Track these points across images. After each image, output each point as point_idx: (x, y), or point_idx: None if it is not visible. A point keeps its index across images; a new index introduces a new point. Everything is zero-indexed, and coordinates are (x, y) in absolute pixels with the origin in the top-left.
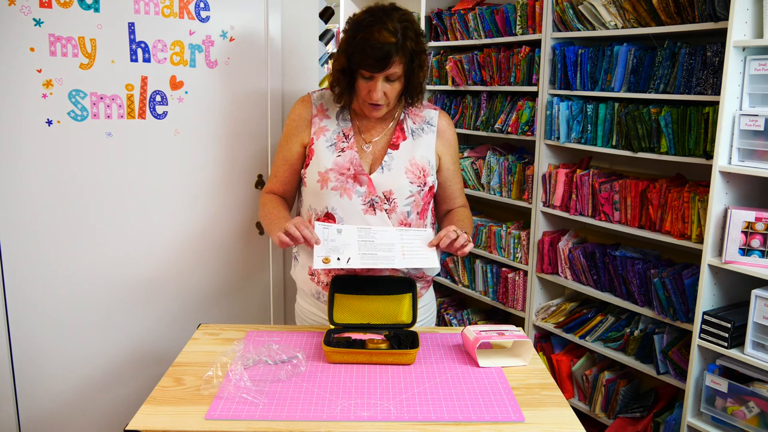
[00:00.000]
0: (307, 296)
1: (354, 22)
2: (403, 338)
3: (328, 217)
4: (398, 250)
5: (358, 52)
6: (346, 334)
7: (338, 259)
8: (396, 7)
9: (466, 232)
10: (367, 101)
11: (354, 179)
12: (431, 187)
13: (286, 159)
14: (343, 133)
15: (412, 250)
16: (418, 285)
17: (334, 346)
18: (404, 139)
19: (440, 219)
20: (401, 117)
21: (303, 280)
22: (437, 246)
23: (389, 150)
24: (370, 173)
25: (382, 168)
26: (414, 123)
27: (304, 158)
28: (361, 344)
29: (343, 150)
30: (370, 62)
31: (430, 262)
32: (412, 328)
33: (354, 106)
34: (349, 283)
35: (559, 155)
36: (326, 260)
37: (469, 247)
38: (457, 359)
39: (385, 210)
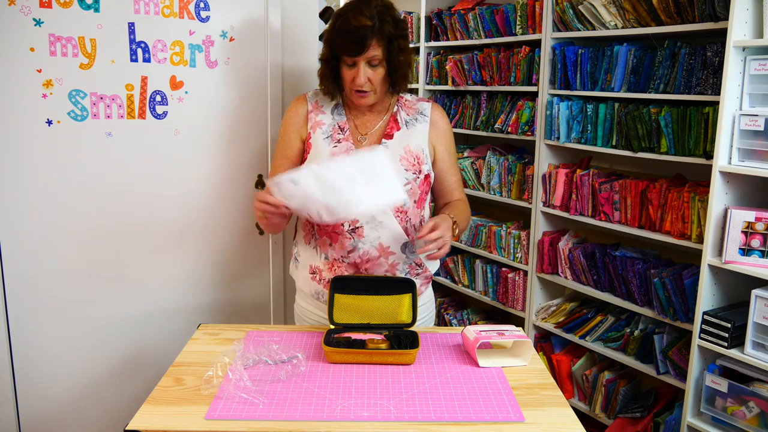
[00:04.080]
0: (306, 296)
1: (335, 14)
2: (403, 338)
3: None
4: (361, 186)
5: (337, 38)
6: (346, 334)
7: (311, 216)
8: None
9: (458, 223)
10: (353, 88)
11: None
12: (427, 176)
13: (286, 156)
14: (339, 126)
15: (375, 181)
16: (418, 283)
17: (334, 346)
18: (398, 129)
19: (438, 213)
20: (395, 109)
21: (303, 280)
22: (429, 234)
23: (384, 140)
24: None
25: None
26: (407, 114)
27: (304, 153)
28: (361, 344)
29: (339, 141)
30: (348, 45)
31: (398, 195)
32: (412, 328)
33: (347, 100)
34: (349, 283)
35: (559, 155)
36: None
37: (444, 250)
38: (457, 359)
39: None
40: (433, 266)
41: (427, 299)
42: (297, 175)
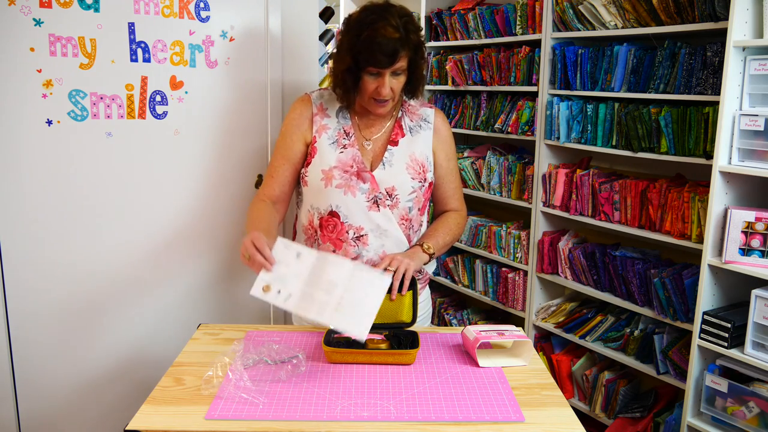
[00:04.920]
0: None
1: (356, 21)
2: (403, 338)
3: (333, 215)
4: (336, 299)
5: (365, 50)
6: (346, 334)
7: (279, 292)
8: (391, 4)
9: (433, 242)
10: (375, 97)
11: (357, 176)
12: (431, 183)
13: (287, 158)
14: (344, 131)
15: (351, 304)
16: (418, 285)
17: (334, 346)
18: (402, 135)
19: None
20: (399, 115)
21: None
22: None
23: (389, 146)
24: (372, 170)
25: (384, 164)
26: (411, 121)
27: (306, 157)
28: (361, 344)
29: (345, 147)
30: (379, 58)
31: (358, 330)
32: (411, 327)
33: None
34: None
35: (559, 155)
36: (267, 288)
37: (411, 271)
38: (457, 359)
39: (388, 206)
40: (430, 266)
41: (424, 298)
42: (304, 251)
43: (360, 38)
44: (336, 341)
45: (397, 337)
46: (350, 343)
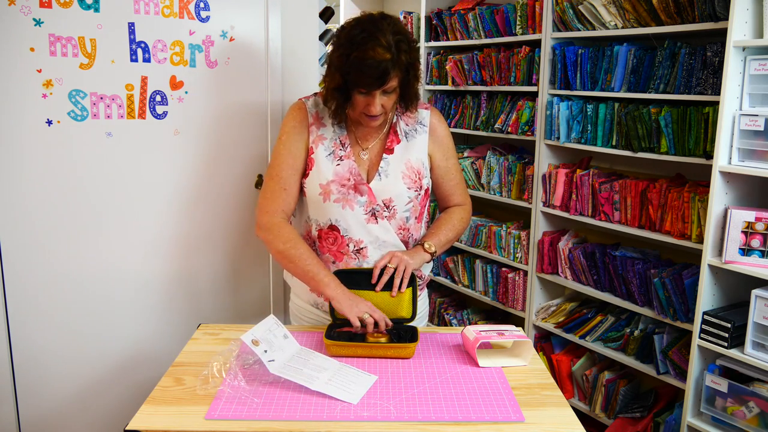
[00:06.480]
0: (305, 298)
1: (346, 39)
2: (402, 333)
3: (332, 229)
4: (326, 376)
5: (354, 71)
6: (347, 329)
7: (265, 351)
8: (384, 16)
9: (435, 240)
10: (365, 113)
11: (354, 189)
12: (427, 190)
13: (295, 167)
14: (340, 141)
15: (340, 383)
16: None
17: (335, 339)
18: (398, 142)
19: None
20: (394, 120)
21: (302, 289)
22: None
23: (384, 155)
24: (368, 181)
25: (380, 175)
26: (407, 125)
27: (306, 168)
28: (362, 338)
29: (341, 159)
30: (368, 80)
31: (349, 397)
32: (411, 323)
33: (349, 113)
34: (348, 278)
35: (559, 155)
36: (256, 342)
37: (410, 269)
38: (457, 359)
39: (386, 217)
40: (426, 269)
41: (421, 298)
42: (291, 337)
43: (349, 58)
44: (337, 335)
45: (397, 331)
46: (351, 337)
